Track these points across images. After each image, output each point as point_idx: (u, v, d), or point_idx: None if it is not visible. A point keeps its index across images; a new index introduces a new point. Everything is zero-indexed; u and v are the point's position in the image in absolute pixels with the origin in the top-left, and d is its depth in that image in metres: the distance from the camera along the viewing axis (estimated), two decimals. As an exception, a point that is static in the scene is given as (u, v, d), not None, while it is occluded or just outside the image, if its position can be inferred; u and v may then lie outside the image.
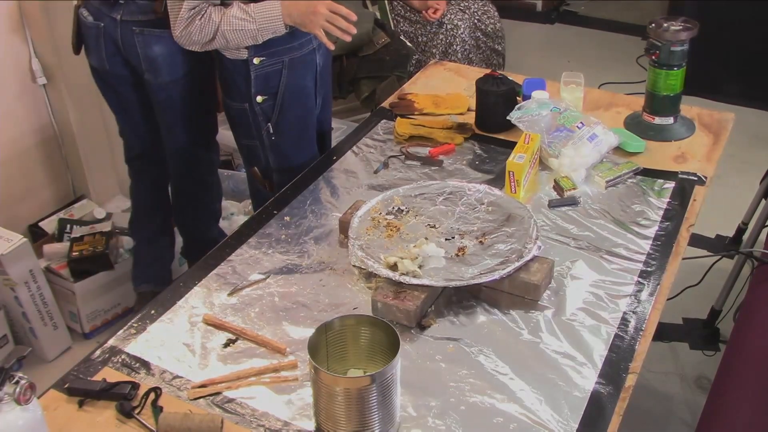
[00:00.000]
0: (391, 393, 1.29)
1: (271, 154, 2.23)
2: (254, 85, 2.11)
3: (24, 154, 2.90)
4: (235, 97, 2.17)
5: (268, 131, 2.18)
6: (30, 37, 2.81)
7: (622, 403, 1.40)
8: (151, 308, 1.65)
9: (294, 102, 2.18)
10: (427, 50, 3.76)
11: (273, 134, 2.18)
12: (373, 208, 1.84)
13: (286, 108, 2.16)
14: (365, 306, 1.62)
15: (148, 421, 1.38)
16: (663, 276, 1.68)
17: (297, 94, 2.17)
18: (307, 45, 2.15)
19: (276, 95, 2.13)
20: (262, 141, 2.21)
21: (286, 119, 2.18)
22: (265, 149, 2.23)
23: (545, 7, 5.34)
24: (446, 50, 3.74)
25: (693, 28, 2.10)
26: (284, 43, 2.09)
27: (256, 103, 2.13)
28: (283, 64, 2.12)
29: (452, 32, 3.70)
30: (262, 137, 2.20)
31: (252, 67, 2.09)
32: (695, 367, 2.60)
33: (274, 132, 2.18)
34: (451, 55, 3.73)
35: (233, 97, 2.17)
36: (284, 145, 2.22)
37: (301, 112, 2.22)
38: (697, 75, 2.63)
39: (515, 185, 1.90)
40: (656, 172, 2.02)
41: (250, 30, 1.98)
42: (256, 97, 2.12)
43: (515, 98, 2.24)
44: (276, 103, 2.15)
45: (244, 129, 2.22)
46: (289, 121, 2.19)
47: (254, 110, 2.15)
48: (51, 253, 2.78)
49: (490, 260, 1.68)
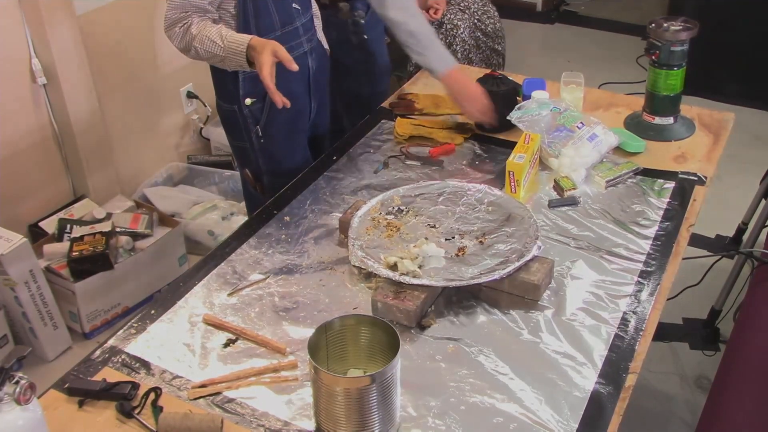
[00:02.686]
0: (391, 393, 1.29)
1: (261, 157, 2.21)
2: (242, 87, 2.09)
3: (24, 154, 2.90)
4: (225, 98, 2.14)
5: (257, 134, 2.16)
6: (30, 37, 2.81)
7: (622, 403, 1.40)
8: (151, 308, 1.65)
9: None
10: None
11: (262, 137, 2.16)
12: (373, 208, 1.84)
13: (276, 111, 2.12)
14: (365, 306, 1.62)
15: (148, 421, 1.38)
16: (663, 276, 1.68)
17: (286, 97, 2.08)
18: (298, 48, 2.11)
19: (265, 98, 2.10)
20: (252, 143, 2.19)
21: (275, 122, 2.15)
22: (255, 151, 2.21)
23: (545, 6, 5.34)
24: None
25: (693, 28, 2.10)
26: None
27: (244, 105, 2.11)
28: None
29: (452, 32, 3.70)
30: (252, 139, 2.18)
31: (240, 71, 2.06)
32: (695, 367, 2.60)
33: (263, 135, 2.16)
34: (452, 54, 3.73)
35: (223, 97, 2.15)
36: (273, 148, 2.20)
37: (291, 116, 2.18)
38: (697, 75, 2.63)
39: (515, 185, 1.90)
40: (656, 172, 2.02)
41: (217, 55, 1.92)
42: (245, 99, 2.10)
43: (515, 98, 2.25)
44: (265, 106, 2.12)
45: (234, 130, 2.20)
46: (278, 124, 2.16)
47: (243, 112, 2.13)
48: (51, 253, 2.78)
49: (490, 260, 1.68)
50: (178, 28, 1.94)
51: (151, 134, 3.38)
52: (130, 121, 3.25)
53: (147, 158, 3.37)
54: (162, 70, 3.31)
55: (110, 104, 3.13)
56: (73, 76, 2.90)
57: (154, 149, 3.40)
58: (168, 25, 1.96)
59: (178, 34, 1.95)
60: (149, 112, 3.34)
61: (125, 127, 3.24)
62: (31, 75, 2.86)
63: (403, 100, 2.39)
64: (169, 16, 1.95)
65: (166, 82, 3.35)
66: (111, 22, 3.06)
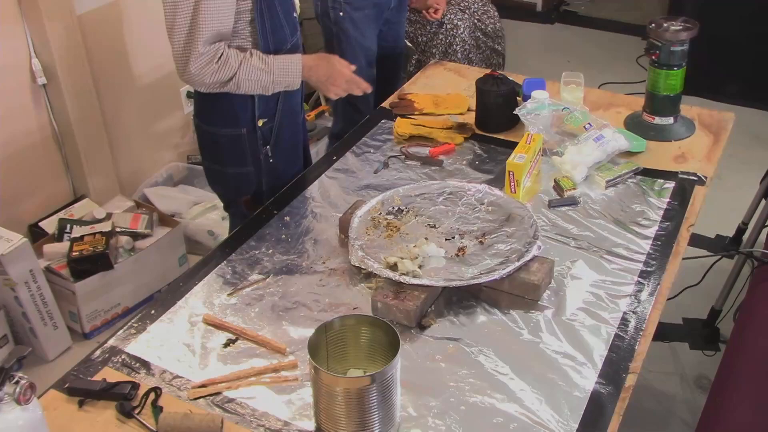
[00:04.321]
0: (391, 393, 1.29)
1: (266, 177, 2.12)
2: (258, 108, 2.00)
3: (24, 154, 2.90)
4: (228, 124, 2.02)
5: (266, 154, 2.08)
6: (30, 37, 2.81)
7: (622, 403, 1.40)
8: (151, 308, 1.65)
9: (289, 120, 2.11)
10: (427, 50, 3.76)
11: (271, 156, 2.09)
12: (373, 208, 1.84)
13: (284, 127, 2.09)
14: (365, 306, 1.62)
15: (148, 421, 1.38)
16: (663, 276, 1.68)
17: (290, 111, 2.10)
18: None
19: (274, 116, 2.05)
20: (259, 166, 2.09)
21: (282, 139, 2.10)
22: (260, 173, 2.11)
23: (545, 7, 5.34)
24: (446, 50, 3.75)
25: (693, 28, 2.10)
26: None
27: (258, 127, 2.03)
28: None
29: (452, 32, 3.70)
30: (259, 161, 2.08)
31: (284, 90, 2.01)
32: (695, 367, 2.60)
33: (272, 154, 2.10)
34: (451, 55, 3.74)
35: (225, 123, 2.02)
36: (280, 165, 2.13)
37: (294, 129, 2.16)
38: (697, 75, 2.63)
39: (515, 185, 1.90)
40: (656, 172, 2.02)
41: (264, 81, 1.90)
42: (259, 120, 2.02)
43: (515, 98, 2.25)
44: (275, 125, 2.07)
45: (234, 156, 2.07)
46: (283, 140, 2.11)
47: (254, 135, 2.04)
48: (51, 253, 2.78)
49: (490, 260, 1.68)
50: (215, 63, 1.83)
51: (151, 134, 3.38)
52: (130, 121, 3.25)
53: (147, 158, 3.37)
54: (162, 70, 3.30)
55: (110, 104, 3.13)
56: (73, 76, 2.90)
57: (154, 149, 3.40)
58: (204, 63, 1.83)
59: (215, 69, 1.84)
60: (149, 112, 3.34)
61: (125, 127, 3.24)
62: (31, 75, 2.86)
63: (403, 100, 2.39)
64: (202, 52, 1.81)
65: (166, 82, 3.34)
66: (111, 21, 3.06)
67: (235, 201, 2.21)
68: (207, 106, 2.04)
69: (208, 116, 2.06)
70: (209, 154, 2.15)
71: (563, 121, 2.12)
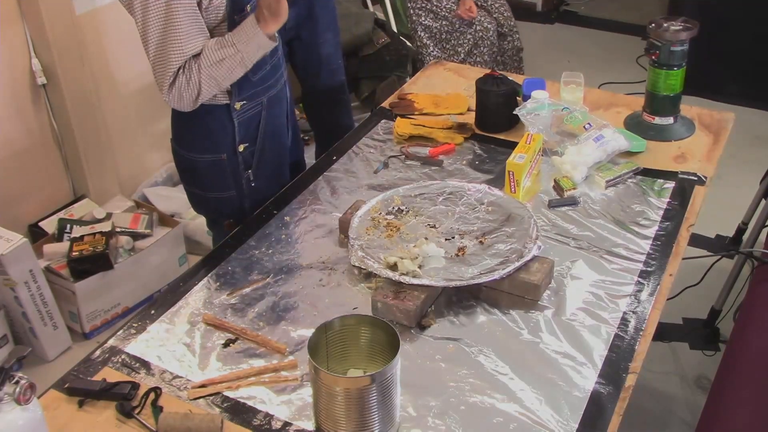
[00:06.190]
0: (391, 393, 1.29)
1: (248, 200, 2.05)
2: (238, 133, 1.94)
3: (24, 154, 2.90)
4: (208, 150, 1.95)
5: (248, 178, 2.01)
6: (30, 37, 2.81)
7: (622, 403, 1.40)
8: (151, 308, 1.65)
9: (272, 143, 2.04)
10: (449, 47, 3.76)
11: (253, 180, 2.02)
12: (373, 208, 1.84)
13: (267, 150, 2.03)
14: (365, 306, 1.62)
15: (148, 421, 1.38)
16: (663, 276, 1.68)
17: (273, 134, 2.02)
18: (281, 79, 2.02)
19: (256, 140, 1.98)
20: (241, 190, 2.03)
21: (264, 162, 2.03)
22: (242, 198, 2.04)
23: (545, 6, 5.34)
24: (471, 50, 3.75)
25: (693, 28, 2.10)
26: (261, 83, 1.93)
27: (238, 152, 1.97)
28: (262, 105, 1.97)
29: (481, 34, 3.71)
30: (242, 186, 2.02)
31: (234, 114, 1.91)
32: (695, 367, 2.60)
33: (254, 178, 2.02)
34: (477, 56, 3.74)
35: (205, 150, 1.96)
36: (262, 187, 2.06)
37: (279, 151, 2.09)
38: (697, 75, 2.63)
39: (515, 185, 1.90)
40: (656, 172, 2.02)
41: (230, 55, 1.74)
42: (239, 145, 1.96)
43: (515, 98, 2.25)
44: (256, 149, 2.00)
45: (216, 181, 2.01)
46: (267, 163, 2.04)
47: (235, 159, 1.97)
48: (51, 253, 2.78)
49: (490, 260, 1.68)
50: (181, 76, 1.75)
51: (151, 134, 3.38)
52: (130, 121, 3.25)
53: (147, 158, 3.37)
54: (162, 70, 3.30)
55: (110, 104, 3.13)
56: (73, 76, 2.90)
57: (154, 149, 3.40)
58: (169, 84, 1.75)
59: (184, 80, 1.76)
60: (149, 112, 3.34)
61: (125, 127, 3.24)
62: (31, 75, 2.86)
63: (403, 100, 2.39)
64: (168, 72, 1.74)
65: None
66: (111, 21, 3.06)
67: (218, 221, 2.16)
68: (183, 131, 1.98)
69: (185, 142, 1.99)
70: (189, 178, 2.07)
71: (563, 121, 2.12)
